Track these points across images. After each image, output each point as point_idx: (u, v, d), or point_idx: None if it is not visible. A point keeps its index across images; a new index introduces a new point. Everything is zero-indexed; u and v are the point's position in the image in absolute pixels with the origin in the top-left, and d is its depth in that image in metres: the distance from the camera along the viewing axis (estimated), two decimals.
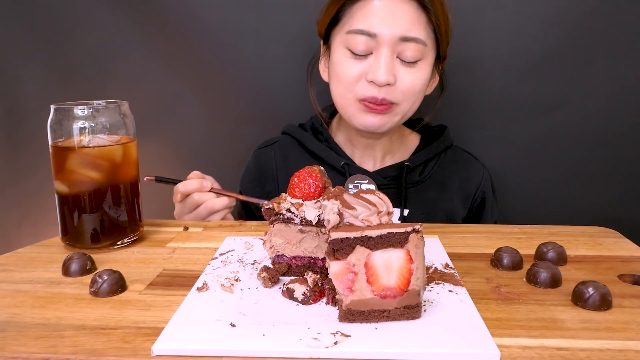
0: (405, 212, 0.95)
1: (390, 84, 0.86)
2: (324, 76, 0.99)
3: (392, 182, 0.97)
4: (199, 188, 0.87)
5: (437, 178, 1.00)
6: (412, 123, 1.05)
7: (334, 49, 0.92)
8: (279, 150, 1.05)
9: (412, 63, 0.87)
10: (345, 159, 0.98)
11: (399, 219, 0.95)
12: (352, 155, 1.01)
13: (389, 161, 1.01)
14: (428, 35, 0.87)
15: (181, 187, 0.88)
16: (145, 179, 0.86)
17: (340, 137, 1.03)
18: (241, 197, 0.91)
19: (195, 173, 0.90)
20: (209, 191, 0.88)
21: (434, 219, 0.97)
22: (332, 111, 1.06)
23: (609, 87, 1.11)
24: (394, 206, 0.94)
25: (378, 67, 0.85)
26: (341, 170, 0.97)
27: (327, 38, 0.95)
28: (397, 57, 0.87)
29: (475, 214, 1.03)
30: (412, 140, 1.05)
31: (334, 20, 0.92)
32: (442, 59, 0.94)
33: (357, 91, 0.89)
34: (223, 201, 0.89)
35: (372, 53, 0.87)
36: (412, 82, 0.88)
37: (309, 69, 1.02)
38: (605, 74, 1.11)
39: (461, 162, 1.03)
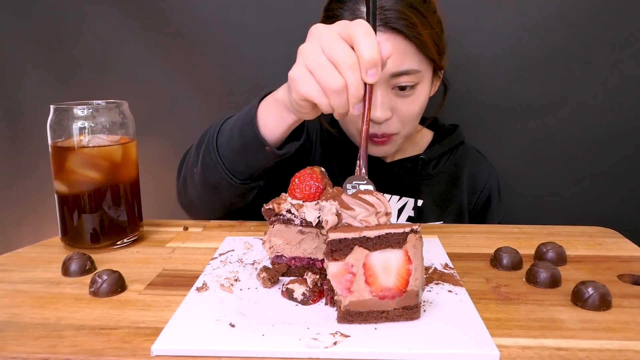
0: (420, 202, 0.98)
1: (388, 118, 0.86)
2: None
3: (407, 174, 1.00)
4: (371, 60, 0.56)
5: (449, 173, 1.03)
6: (421, 119, 1.06)
7: None
8: (319, 125, 1.04)
9: (408, 92, 0.86)
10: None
11: (412, 209, 0.98)
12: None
13: (399, 156, 1.03)
14: (421, 61, 0.85)
15: (365, 30, 0.56)
16: None
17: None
18: (365, 137, 0.61)
19: (390, 52, 0.58)
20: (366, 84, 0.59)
21: (445, 212, 1.00)
22: None
23: (609, 87, 1.11)
24: (408, 197, 0.98)
25: (374, 106, 0.84)
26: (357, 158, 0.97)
27: None
28: (392, 89, 0.85)
29: (481, 212, 1.05)
30: (425, 136, 1.07)
31: None
32: (440, 69, 0.93)
33: (359, 127, 0.88)
34: (344, 103, 0.59)
35: None
36: (410, 109, 0.88)
37: None
38: (606, 74, 1.11)
39: (470, 159, 1.06)
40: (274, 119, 0.71)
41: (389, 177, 0.99)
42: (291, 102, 0.64)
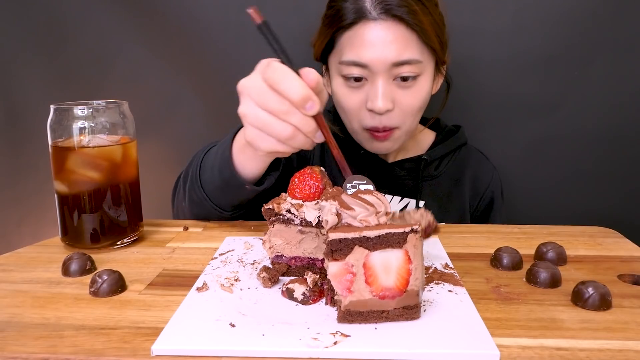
0: (421, 203, 0.98)
1: (390, 110, 0.86)
2: (328, 90, 0.99)
3: (408, 174, 0.99)
4: (298, 103, 0.57)
5: (451, 174, 1.02)
6: (423, 120, 1.06)
7: (332, 75, 0.92)
8: None
9: (409, 83, 0.86)
10: (362, 149, 0.99)
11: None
12: None
13: (401, 156, 1.02)
14: (422, 52, 0.85)
15: (278, 75, 0.57)
16: (250, 10, 0.59)
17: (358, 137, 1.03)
18: (342, 161, 0.63)
19: (313, 76, 0.58)
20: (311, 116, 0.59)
21: (447, 213, 1.00)
22: None
23: (610, 87, 1.11)
24: (410, 198, 0.98)
25: (375, 96, 0.84)
26: (360, 159, 0.98)
27: (324, 60, 0.95)
28: (394, 79, 0.85)
29: (483, 214, 1.04)
30: (427, 137, 1.06)
31: (329, 46, 0.91)
32: (442, 63, 0.93)
33: (361, 120, 0.89)
34: (308, 142, 0.61)
35: (368, 80, 0.86)
36: (411, 102, 0.87)
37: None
38: (606, 74, 1.11)
39: (473, 161, 1.05)
40: (250, 160, 0.71)
41: (391, 177, 0.99)
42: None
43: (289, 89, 0.56)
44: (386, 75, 0.84)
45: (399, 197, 0.98)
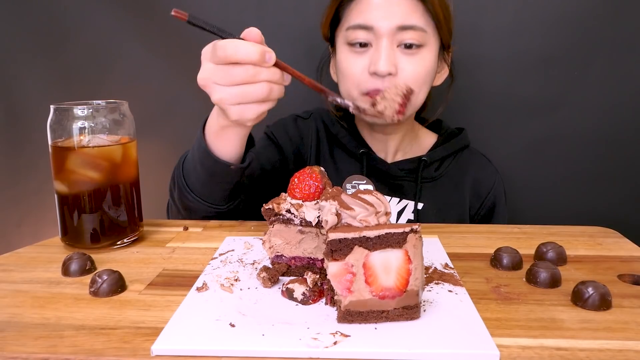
0: (420, 205, 0.96)
1: (392, 73, 0.86)
2: (334, 77, 0.99)
3: (408, 175, 0.98)
4: (259, 60, 0.61)
5: (452, 176, 1.01)
6: (425, 120, 1.06)
7: (338, 48, 0.94)
8: (314, 124, 1.05)
9: (413, 50, 0.87)
10: (364, 147, 0.99)
11: (412, 212, 0.96)
12: (371, 145, 1.02)
13: (401, 157, 1.02)
14: (427, 23, 0.87)
15: (231, 49, 0.60)
16: (173, 12, 0.63)
17: (361, 125, 1.04)
18: (314, 85, 0.67)
19: (256, 32, 0.63)
20: (272, 66, 0.62)
21: (446, 215, 0.98)
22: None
23: (610, 87, 1.11)
24: (408, 199, 0.97)
25: (378, 58, 0.86)
26: (359, 159, 0.98)
27: (332, 40, 0.97)
28: (397, 46, 0.87)
29: (485, 218, 1.03)
30: (428, 138, 1.06)
31: (335, 21, 0.93)
32: (447, 47, 0.94)
33: (362, 85, 0.89)
34: (281, 89, 0.65)
35: (372, 46, 0.88)
36: (415, 70, 0.88)
37: (318, 72, 1.03)
38: (606, 74, 1.11)
39: (475, 164, 1.04)
40: (227, 142, 0.74)
41: (390, 177, 0.98)
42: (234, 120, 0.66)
43: (246, 54, 0.60)
44: (390, 39, 0.86)
45: (397, 199, 0.97)
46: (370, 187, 0.60)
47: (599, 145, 1.15)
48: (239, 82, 0.62)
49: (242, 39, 0.62)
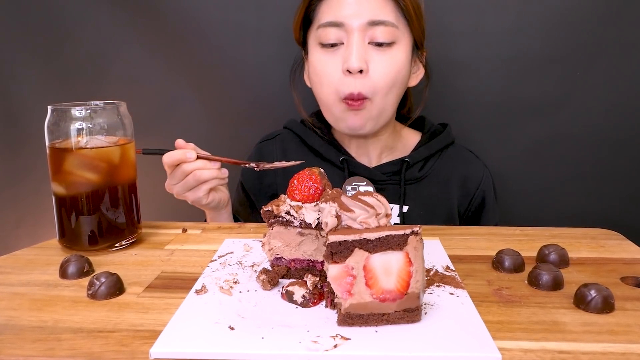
0: (405, 208, 0.95)
1: (363, 70, 0.86)
2: (308, 82, 0.99)
3: (392, 178, 0.97)
4: (182, 159, 0.83)
5: (438, 175, 0.99)
6: (406, 119, 1.05)
7: (310, 50, 0.94)
8: (280, 144, 1.05)
9: (385, 48, 0.87)
10: (344, 154, 0.98)
11: (397, 216, 0.94)
12: (351, 151, 1.01)
13: (386, 159, 1.01)
14: (398, 19, 0.88)
15: (165, 158, 0.84)
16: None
17: (338, 134, 1.03)
18: (229, 161, 0.86)
19: (179, 142, 0.86)
20: (197, 159, 0.84)
21: (433, 216, 0.96)
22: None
23: (611, 88, 1.11)
24: (393, 203, 0.96)
25: (350, 53, 0.86)
26: (340, 166, 0.97)
27: (304, 43, 0.97)
28: (369, 43, 0.87)
29: (475, 214, 1.01)
30: (412, 138, 1.04)
31: (307, 22, 0.94)
32: (421, 47, 0.94)
33: (338, 88, 0.89)
34: (211, 172, 0.85)
35: (344, 43, 0.88)
36: (386, 68, 0.87)
37: (291, 75, 1.03)
38: (608, 75, 1.10)
39: (462, 160, 1.02)
40: (218, 218, 0.95)
41: (373, 182, 0.95)
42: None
43: (175, 157, 0.84)
44: (361, 35, 0.87)
45: None
46: (370, 188, 0.60)
47: (602, 146, 1.14)
48: (180, 177, 0.85)
49: (175, 149, 0.85)
